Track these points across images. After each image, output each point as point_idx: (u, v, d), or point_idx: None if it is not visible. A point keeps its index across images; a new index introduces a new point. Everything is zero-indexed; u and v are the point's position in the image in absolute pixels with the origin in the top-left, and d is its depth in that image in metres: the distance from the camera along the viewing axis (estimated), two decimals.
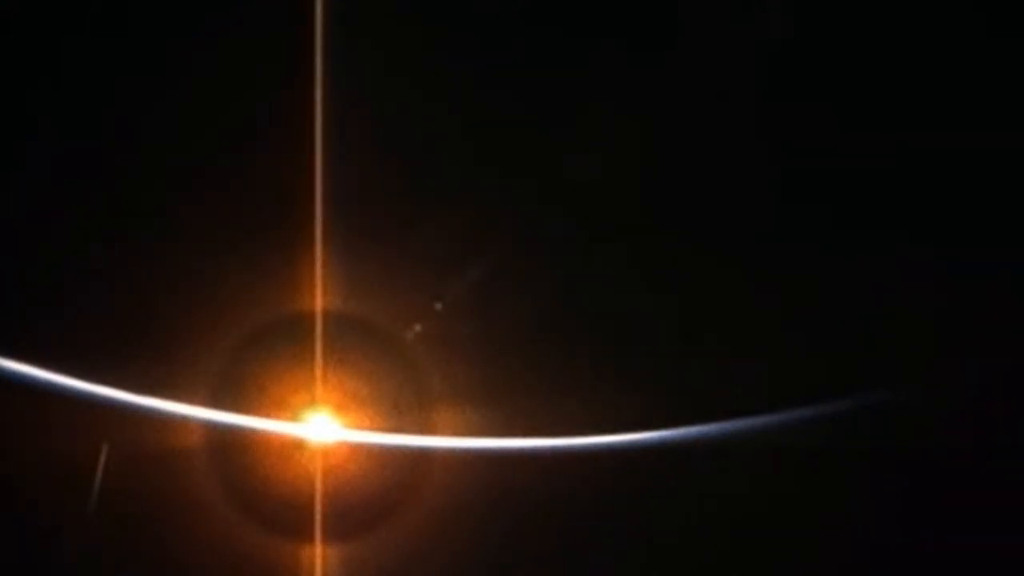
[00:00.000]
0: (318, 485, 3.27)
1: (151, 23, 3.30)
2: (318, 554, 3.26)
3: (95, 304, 3.28)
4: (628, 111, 3.34)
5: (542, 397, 3.31)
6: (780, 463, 3.28)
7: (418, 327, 3.36)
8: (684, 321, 3.37)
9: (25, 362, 3.20)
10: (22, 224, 3.31)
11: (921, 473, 3.28)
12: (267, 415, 3.29)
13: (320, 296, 3.28)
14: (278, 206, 3.28)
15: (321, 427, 3.30)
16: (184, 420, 3.26)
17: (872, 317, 3.35)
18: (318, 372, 3.29)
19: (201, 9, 3.30)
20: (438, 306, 3.36)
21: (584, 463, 3.28)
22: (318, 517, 3.25)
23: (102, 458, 3.22)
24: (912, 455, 3.29)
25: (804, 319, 3.35)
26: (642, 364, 3.34)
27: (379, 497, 3.31)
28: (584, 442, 3.29)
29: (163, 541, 3.24)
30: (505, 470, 3.28)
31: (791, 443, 3.29)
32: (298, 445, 3.30)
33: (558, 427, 3.29)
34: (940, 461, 3.27)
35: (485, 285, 3.37)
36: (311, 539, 3.25)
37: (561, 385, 3.32)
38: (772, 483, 3.28)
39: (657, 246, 3.38)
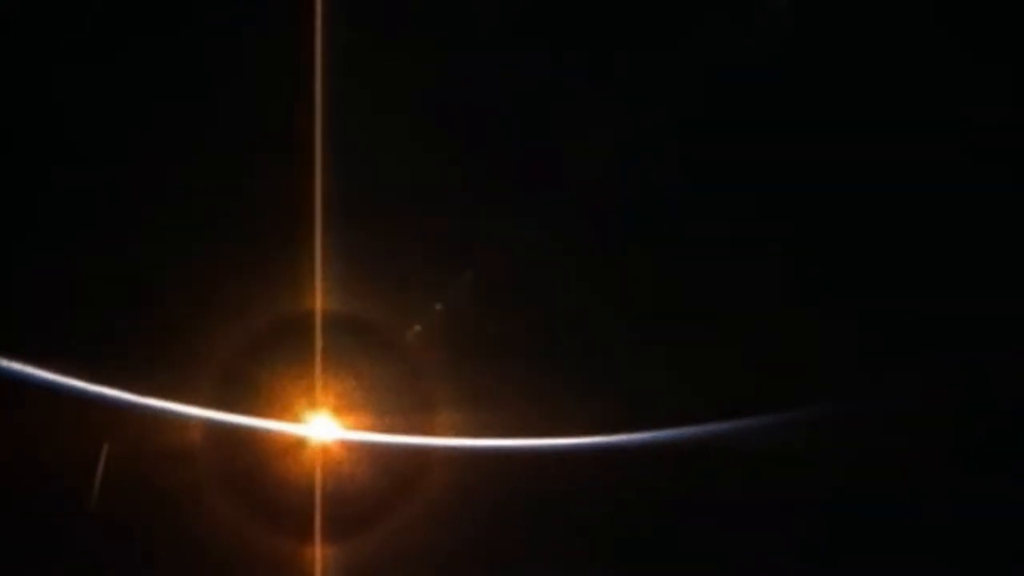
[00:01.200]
0: (318, 485, 3.27)
1: (152, 24, 3.31)
2: (318, 554, 3.26)
3: (95, 304, 3.28)
4: (627, 114, 3.35)
5: (541, 397, 3.31)
6: (780, 463, 3.28)
7: (417, 328, 3.36)
8: (683, 321, 3.38)
9: (25, 362, 3.20)
10: (22, 224, 3.31)
11: (915, 475, 3.29)
12: (267, 415, 3.29)
13: (320, 296, 3.28)
14: (278, 207, 3.28)
15: (321, 427, 3.30)
16: (184, 420, 3.26)
17: (869, 318, 3.36)
18: (318, 372, 3.29)
19: (202, 9, 3.30)
20: (438, 307, 3.36)
21: (583, 463, 3.28)
22: (318, 517, 3.25)
23: (102, 458, 3.22)
24: (908, 457, 3.29)
25: (804, 321, 3.35)
26: (641, 364, 3.35)
27: (379, 497, 3.31)
28: (583, 442, 3.29)
29: (163, 541, 3.24)
30: (505, 470, 3.28)
31: (790, 443, 3.29)
32: (298, 445, 3.30)
33: (557, 427, 3.30)
34: (933, 463, 3.28)
35: (484, 286, 3.37)
36: (311, 539, 3.25)
37: (560, 385, 3.33)
38: (772, 483, 3.29)
39: (657, 248, 3.39)
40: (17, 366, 3.19)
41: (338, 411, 3.32)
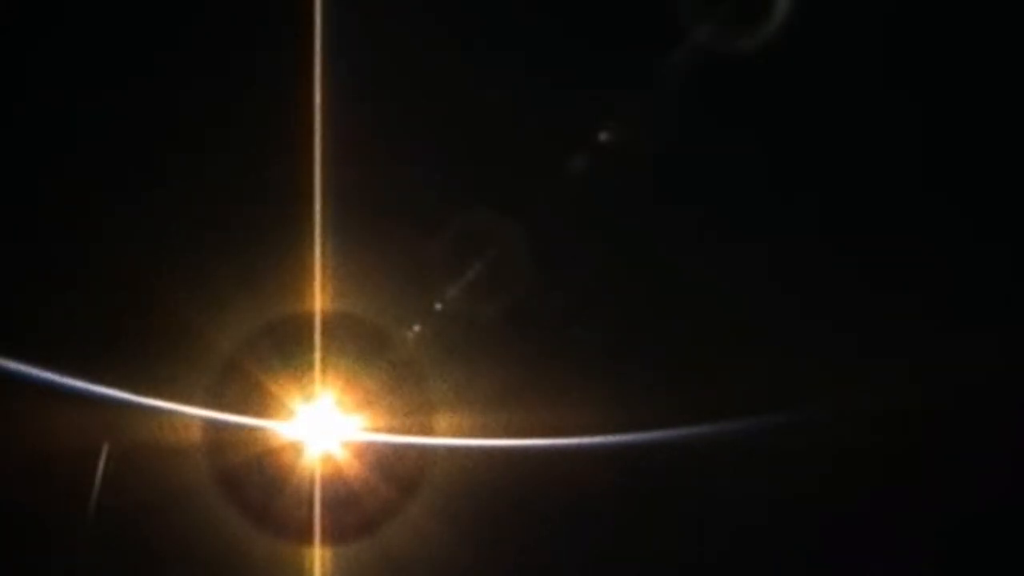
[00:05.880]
0: (318, 485, 3.27)
1: (153, 22, 3.31)
2: (318, 554, 3.27)
3: (95, 304, 3.28)
4: (629, 113, 3.35)
5: (541, 398, 3.32)
6: (779, 463, 3.28)
7: (417, 328, 3.36)
8: (683, 322, 3.38)
9: (25, 362, 3.20)
10: (22, 224, 3.31)
11: (917, 474, 3.29)
12: (267, 415, 3.29)
13: (320, 296, 3.29)
14: (278, 206, 3.29)
15: (321, 427, 3.31)
16: (184, 420, 3.26)
17: (868, 321, 3.36)
18: (318, 372, 3.29)
19: (202, 9, 3.30)
20: (438, 307, 3.37)
21: (584, 463, 3.29)
22: (318, 517, 3.26)
23: (102, 457, 3.22)
24: (910, 457, 3.29)
25: (804, 321, 3.35)
26: (642, 364, 3.35)
27: (379, 497, 3.31)
28: (584, 442, 3.29)
29: (163, 541, 3.24)
30: (505, 470, 3.28)
31: (790, 444, 3.29)
32: (298, 445, 3.30)
33: (558, 427, 3.30)
34: (934, 463, 3.28)
35: (485, 286, 3.37)
36: (311, 539, 3.26)
37: (561, 386, 3.33)
38: (771, 483, 3.29)
39: (656, 248, 3.39)
40: (17, 366, 3.19)
41: (339, 410, 3.32)
